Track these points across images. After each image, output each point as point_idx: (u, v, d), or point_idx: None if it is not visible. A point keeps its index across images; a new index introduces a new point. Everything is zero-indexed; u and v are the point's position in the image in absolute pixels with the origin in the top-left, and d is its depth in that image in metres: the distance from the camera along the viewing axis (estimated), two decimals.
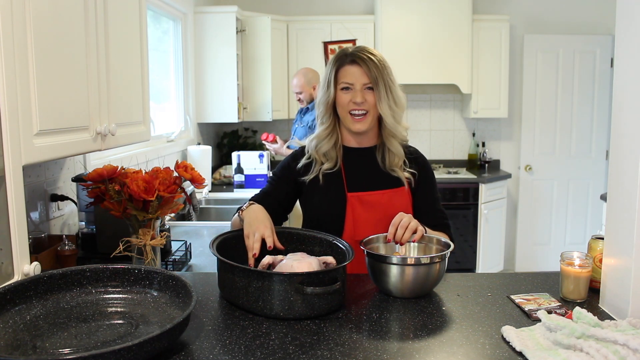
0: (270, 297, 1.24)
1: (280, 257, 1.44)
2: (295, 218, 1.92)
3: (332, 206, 1.69)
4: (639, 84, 1.20)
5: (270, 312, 1.25)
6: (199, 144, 4.09)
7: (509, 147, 5.02)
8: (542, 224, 4.98)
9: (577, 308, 1.21)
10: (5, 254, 1.24)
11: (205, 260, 2.15)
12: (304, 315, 1.25)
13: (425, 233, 1.52)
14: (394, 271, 1.37)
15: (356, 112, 1.64)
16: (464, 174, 4.60)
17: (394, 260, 1.37)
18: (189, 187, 2.02)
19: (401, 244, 1.49)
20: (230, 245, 1.50)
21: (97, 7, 1.66)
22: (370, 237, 1.54)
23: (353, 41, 4.45)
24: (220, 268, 1.37)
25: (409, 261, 1.37)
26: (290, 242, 1.57)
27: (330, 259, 1.41)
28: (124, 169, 1.51)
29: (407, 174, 1.70)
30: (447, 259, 1.41)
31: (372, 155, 1.73)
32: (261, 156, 3.86)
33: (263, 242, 1.46)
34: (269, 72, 4.29)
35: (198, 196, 3.39)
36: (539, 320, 1.21)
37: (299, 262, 1.34)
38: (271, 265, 1.41)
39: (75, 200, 2.15)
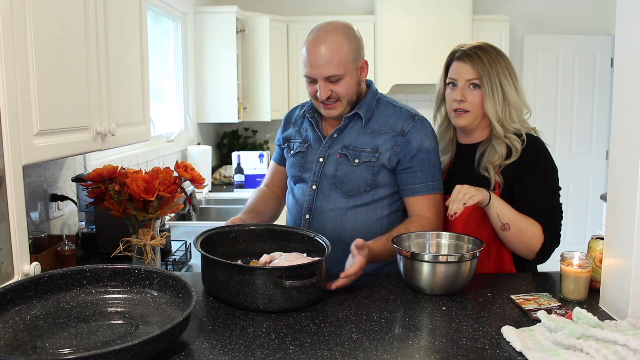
0: (250, 290, 1.28)
1: (277, 254, 1.46)
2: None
3: None
4: (639, 84, 1.21)
5: (250, 305, 1.28)
6: (199, 144, 4.09)
7: None
8: None
9: (577, 308, 1.22)
10: (5, 254, 1.24)
11: None
12: (283, 307, 1.29)
13: (489, 201, 1.51)
14: (425, 269, 1.38)
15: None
16: None
17: (426, 257, 1.39)
18: (189, 187, 2.02)
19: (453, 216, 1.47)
20: (214, 242, 1.52)
21: (97, 7, 1.66)
22: (401, 235, 1.53)
23: None
24: (204, 264, 1.41)
25: (440, 259, 1.38)
26: (273, 239, 1.59)
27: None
28: (124, 169, 1.51)
29: (498, 178, 1.62)
30: (477, 257, 1.41)
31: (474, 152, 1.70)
32: (261, 156, 3.86)
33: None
34: (268, 72, 4.29)
35: (198, 196, 3.39)
36: (539, 320, 1.21)
37: (290, 262, 1.36)
38: (267, 264, 1.42)
39: (75, 200, 2.15)
